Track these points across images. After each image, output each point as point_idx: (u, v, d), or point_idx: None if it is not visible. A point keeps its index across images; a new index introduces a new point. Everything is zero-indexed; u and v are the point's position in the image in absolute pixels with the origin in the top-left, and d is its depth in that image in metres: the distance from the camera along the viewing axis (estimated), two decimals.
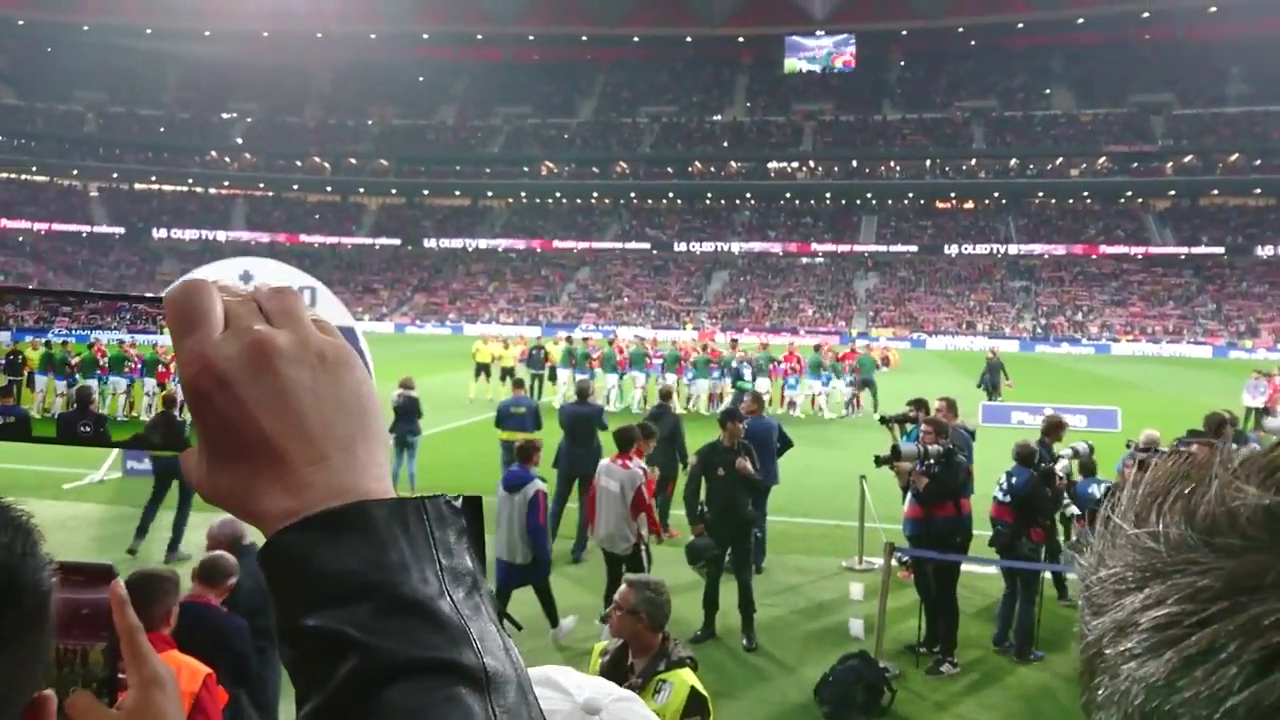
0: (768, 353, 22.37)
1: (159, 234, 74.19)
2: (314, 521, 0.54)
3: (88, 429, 0.67)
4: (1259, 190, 66.75)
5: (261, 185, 79.29)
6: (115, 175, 77.27)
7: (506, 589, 7.29)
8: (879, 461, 8.14)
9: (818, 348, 23.28)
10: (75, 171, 76.17)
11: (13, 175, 74.62)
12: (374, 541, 0.54)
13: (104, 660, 0.79)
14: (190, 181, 78.66)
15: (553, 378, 22.60)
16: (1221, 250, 64.58)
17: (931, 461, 7.46)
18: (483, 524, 0.60)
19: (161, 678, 0.79)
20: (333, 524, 0.54)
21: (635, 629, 3.67)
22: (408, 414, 11.93)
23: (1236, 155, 65.54)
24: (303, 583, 0.54)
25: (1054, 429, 8.54)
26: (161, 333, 0.65)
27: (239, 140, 78.21)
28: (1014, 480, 7.55)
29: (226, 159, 78.11)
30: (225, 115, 79.23)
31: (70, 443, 0.67)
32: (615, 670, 3.64)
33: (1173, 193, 69.29)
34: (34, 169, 74.95)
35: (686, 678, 3.53)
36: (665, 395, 11.37)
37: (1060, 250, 67.59)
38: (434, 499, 0.58)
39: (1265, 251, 63.41)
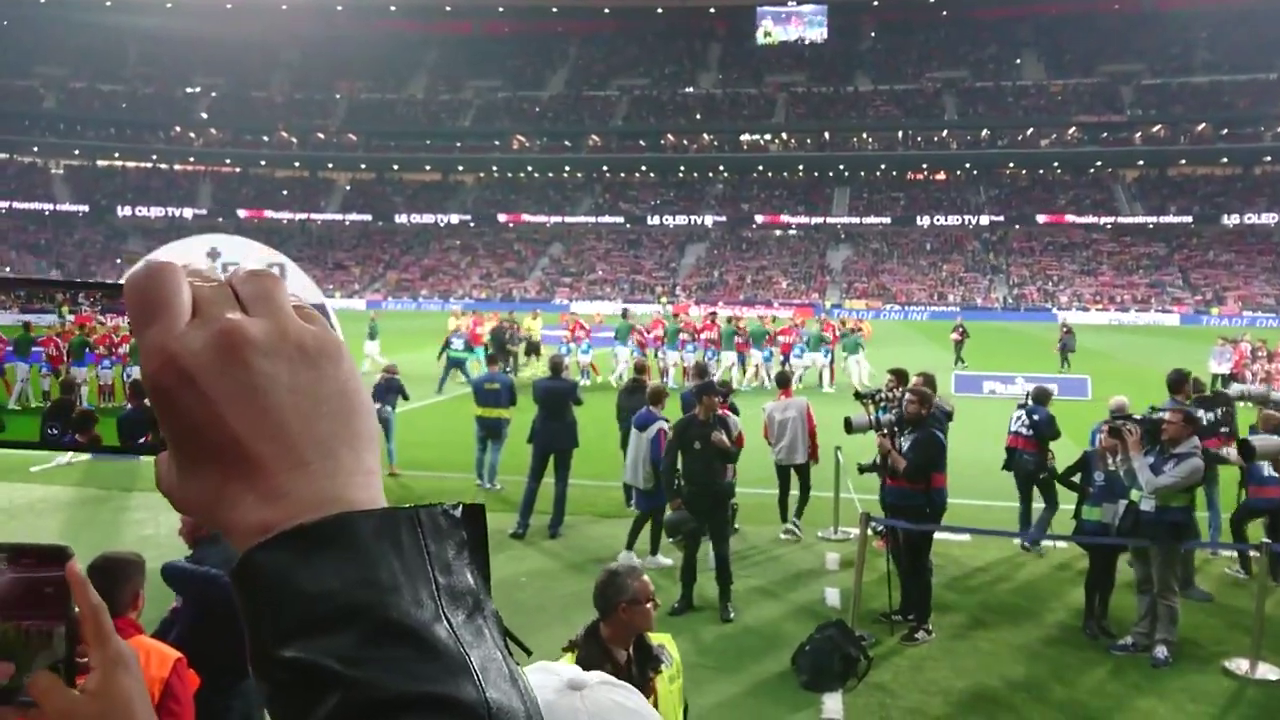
0: (763, 326, 22.67)
1: (123, 212, 72.95)
2: (290, 536, 0.49)
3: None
4: (1225, 159, 67.49)
5: (228, 161, 78.07)
6: (77, 152, 75.77)
7: (637, 510, 9.08)
8: (847, 427, 8.20)
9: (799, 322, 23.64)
10: (36, 149, 74.67)
11: None
12: (360, 559, 0.49)
13: (56, 646, 0.76)
14: (155, 158, 77.30)
15: (531, 353, 22.69)
16: (1189, 219, 65.31)
17: (886, 432, 7.60)
18: (486, 534, 0.55)
19: (125, 657, 0.77)
20: (312, 539, 0.49)
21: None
22: (387, 392, 11.85)
23: (1204, 125, 66.15)
24: (278, 607, 0.48)
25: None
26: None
27: (204, 115, 76.85)
28: (1035, 417, 9.21)
29: (191, 135, 76.79)
30: (189, 90, 77.78)
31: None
32: (624, 675, 3.52)
33: (1141, 162, 69.91)
34: None
35: (662, 634, 3.61)
36: (640, 370, 11.36)
37: (1031, 221, 68.07)
38: (429, 508, 0.53)
39: (1232, 220, 64.19)
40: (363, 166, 79.07)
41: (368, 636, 0.47)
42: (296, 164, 78.80)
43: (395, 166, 78.59)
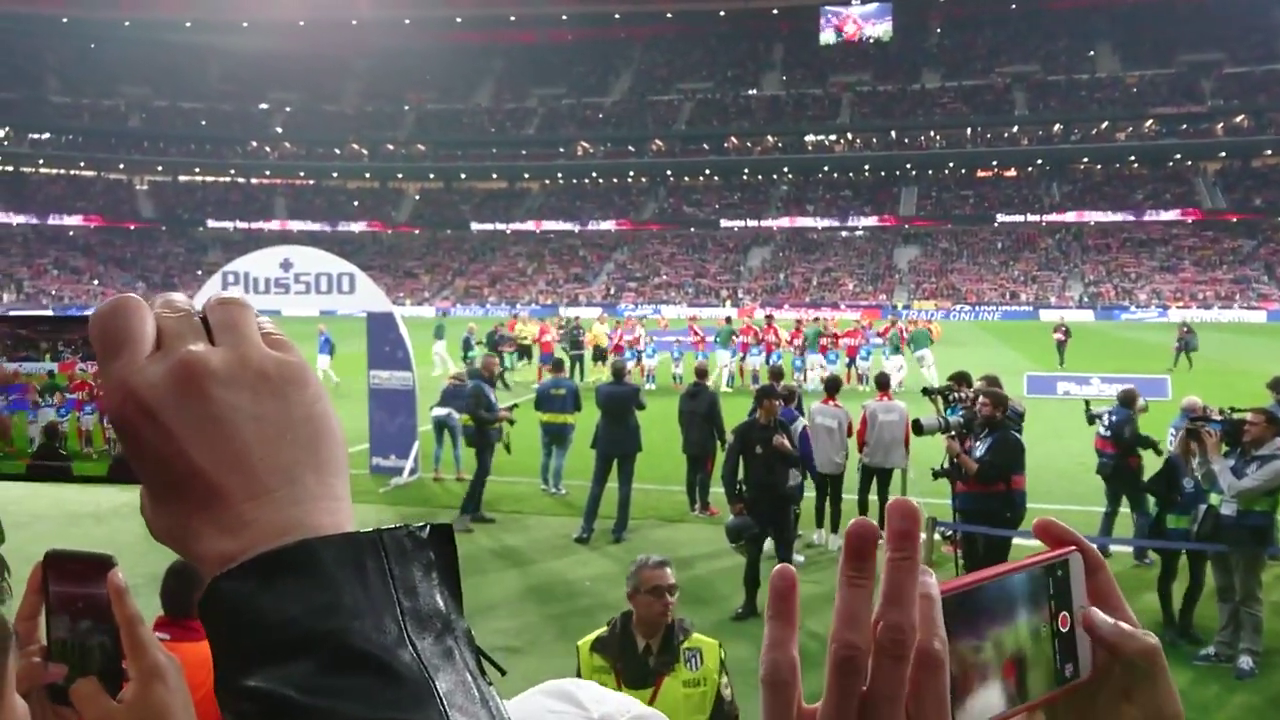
0: (816, 327, 22.51)
1: (204, 225, 75.56)
2: (252, 565, 0.48)
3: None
4: None
5: (302, 174, 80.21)
6: (160, 168, 78.64)
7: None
8: (917, 430, 8.08)
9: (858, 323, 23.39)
10: (122, 166, 77.67)
11: (62, 171, 76.34)
12: (321, 585, 0.48)
13: (101, 653, 0.77)
14: (233, 172, 79.82)
15: (599, 359, 22.79)
16: (1276, 213, 62.82)
17: (953, 433, 7.46)
18: (455, 553, 0.54)
19: (163, 668, 0.76)
20: (273, 566, 0.48)
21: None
22: (453, 398, 12.01)
23: None
24: (241, 636, 0.47)
25: None
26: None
27: (279, 129, 79.09)
28: (1113, 418, 9.03)
29: (267, 149, 79.08)
30: (265, 105, 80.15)
31: None
32: (634, 658, 3.54)
33: (1223, 154, 67.44)
34: (82, 164, 76.58)
35: (710, 640, 3.59)
36: (701, 373, 11.34)
37: (1107, 217, 66.17)
38: (393, 530, 0.51)
39: None
40: (431, 176, 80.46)
41: (328, 664, 0.46)
42: (367, 175, 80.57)
43: (463, 175, 79.81)
